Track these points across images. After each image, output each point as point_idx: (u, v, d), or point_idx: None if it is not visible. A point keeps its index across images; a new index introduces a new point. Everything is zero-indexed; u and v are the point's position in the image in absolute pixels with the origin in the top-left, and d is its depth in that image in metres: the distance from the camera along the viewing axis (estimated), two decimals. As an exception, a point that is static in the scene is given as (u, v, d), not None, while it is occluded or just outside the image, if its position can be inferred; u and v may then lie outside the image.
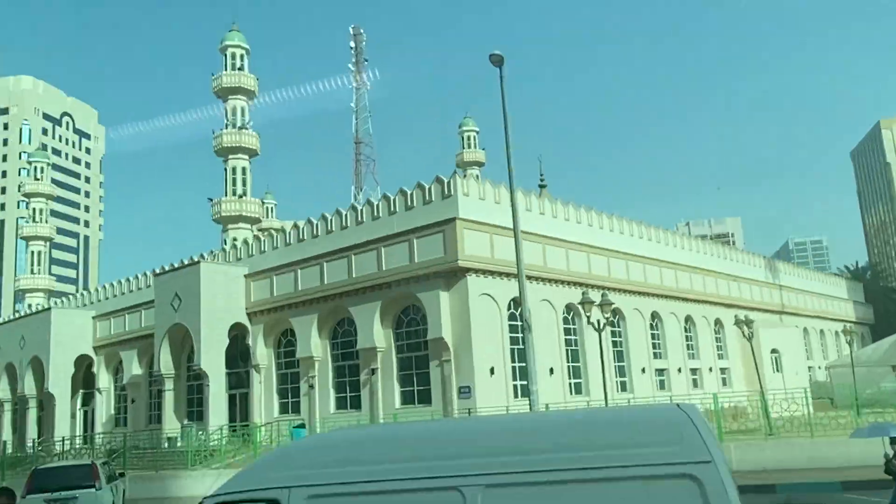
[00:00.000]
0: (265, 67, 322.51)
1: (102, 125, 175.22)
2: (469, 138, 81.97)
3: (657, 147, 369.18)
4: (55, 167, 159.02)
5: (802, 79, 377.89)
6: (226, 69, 60.32)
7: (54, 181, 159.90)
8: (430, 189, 29.07)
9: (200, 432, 31.01)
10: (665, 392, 35.95)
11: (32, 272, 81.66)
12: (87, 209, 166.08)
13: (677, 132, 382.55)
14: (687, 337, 39.99)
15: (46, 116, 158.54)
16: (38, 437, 42.71)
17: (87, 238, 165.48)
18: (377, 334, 29.76)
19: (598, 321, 23.53)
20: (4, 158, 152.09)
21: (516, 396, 28.55)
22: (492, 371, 27.76)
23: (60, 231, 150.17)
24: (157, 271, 38.12)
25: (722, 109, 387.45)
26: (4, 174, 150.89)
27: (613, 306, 27.30)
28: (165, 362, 35.17)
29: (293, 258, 33.27)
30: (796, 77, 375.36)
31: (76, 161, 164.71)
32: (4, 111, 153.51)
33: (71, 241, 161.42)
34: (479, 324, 27.65)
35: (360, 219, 31.44)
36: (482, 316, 27.95)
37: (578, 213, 34.21)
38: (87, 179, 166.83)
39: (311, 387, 32.41)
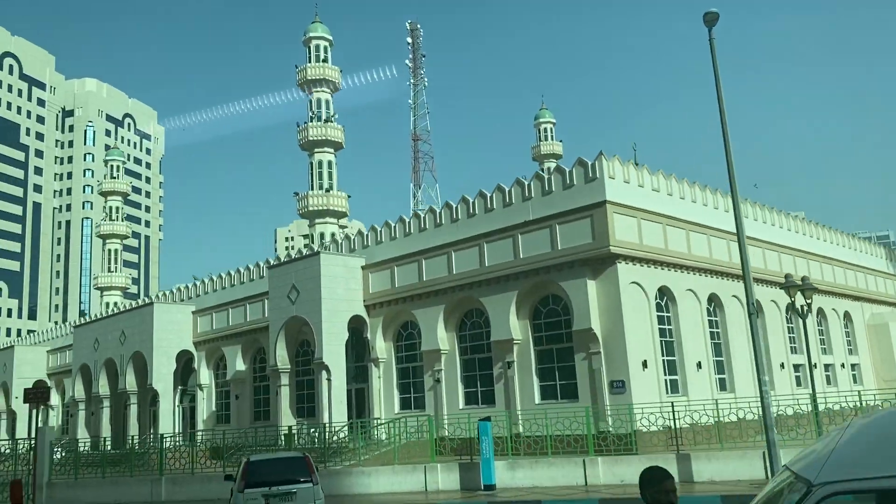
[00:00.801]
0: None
1: (161, 125, 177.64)
2: (546, 130, 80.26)
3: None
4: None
5: None
6: (310, 61, 59.62)
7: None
8: (570, 172, 27.45)
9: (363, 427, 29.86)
10: (802, 389, 33.73)
11: (109, 270, 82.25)
12: (147, 209, 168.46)
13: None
14: (819, 331, 37.66)
15: (109, 118, 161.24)
16: (140, 434, 42.28)
17: (147, 238, 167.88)
18: (513, 325, 28.26)
19: (802, 307, 21.64)
20: (70, 160, 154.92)
21: (667, 392, 26.83)
22: (644, 364, 26.03)
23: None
24: (273, 262, 37.24)
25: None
26: (70, 175, 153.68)
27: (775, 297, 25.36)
28: (281, 357, 34.21)
29: (416, 248, 32.02)
30: None
31: (137, 162, 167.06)
32: (70, 113, 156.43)
33: (132, 242, 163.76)
34: (630, 314, 25.96)
35: (489, 206, 29.99)
36: (632, 306, 26.25)
37: (715, 198, 32.22)
38: (148, 180, 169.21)
39: (438, 381, 31.08)
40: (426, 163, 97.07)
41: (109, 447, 36.69)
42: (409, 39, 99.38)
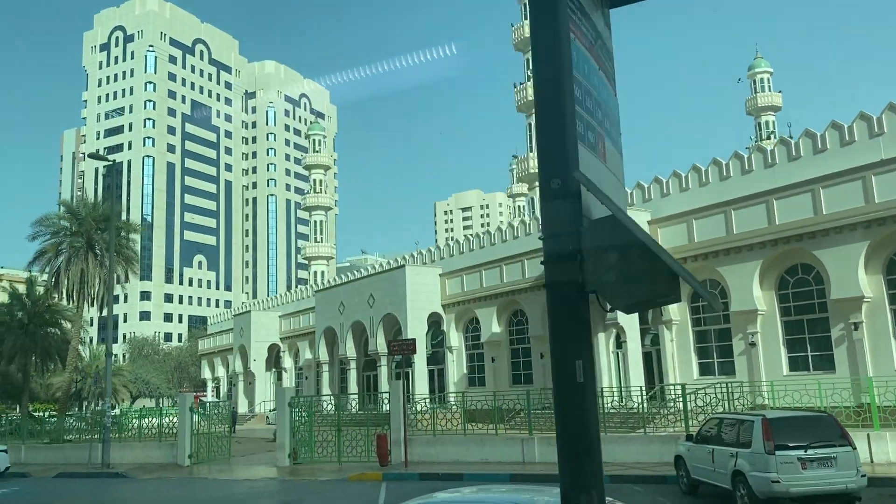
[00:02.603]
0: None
1: (334, 104, 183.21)
2: (762, 80, 73.88)
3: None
4: (297, 146, 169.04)
5: None
6: (525, 17, 57.38)
7: (297, 161, 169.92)
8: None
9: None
10: None
11: (316, 241, 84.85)
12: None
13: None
14: None
15: (287, 98, 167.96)
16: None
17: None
18: (862, 282, 24.76)
19: None
20: (254, 140, 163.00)
21: None
22: None
23: (301, 207, 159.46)
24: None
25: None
26: (254, 154, 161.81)
27: None
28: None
29: (718, 199, 29.11)
30: None
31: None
32: (252, 95, 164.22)
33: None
34: None
35: (820, 146, 26.46)
36: None
37: None
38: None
39: (752, 345, 28.14)
40: None
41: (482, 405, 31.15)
42: None
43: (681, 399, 23.23)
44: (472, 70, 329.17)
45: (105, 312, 48.19)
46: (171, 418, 26.71)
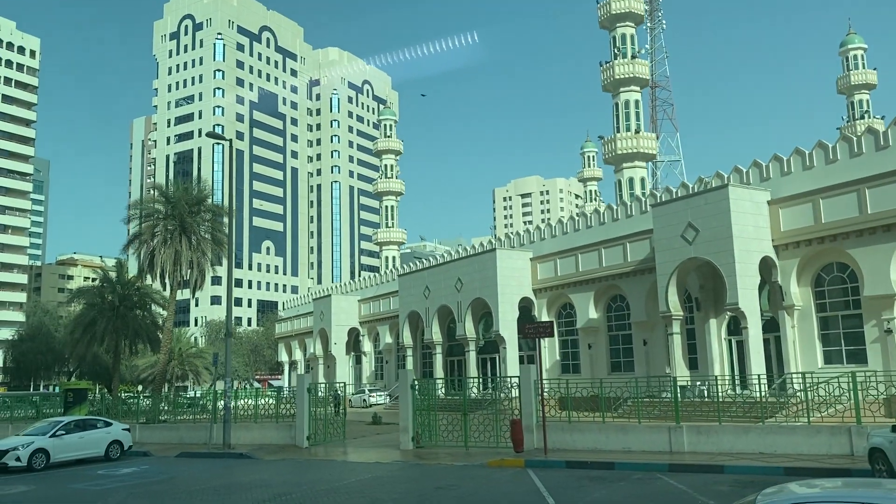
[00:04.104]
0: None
1: (395, 91, 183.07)
2: (855, 58, 70.49)
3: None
4: (359, 133, 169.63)
5: None
6: (613, -5, 55.89)
7: (360, 147, 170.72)
8: None
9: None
10: None
11: (387, 226, 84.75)
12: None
13: None
14: None
15: (351, 85, 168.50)
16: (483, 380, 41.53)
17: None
18: None
19: None
20: (318, 127, 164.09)
21: None
22: None
23: (364, 193, 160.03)
24: (659, 199, 34.26)
25: None
26: (319, 141, 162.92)
27: None
28: (673, 303, 31.12)
29: (859, 175, 27.37)
30: None
31: (375, 126, 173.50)
32: (316, 82, 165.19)
33: (374, 203, 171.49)
34: None
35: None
36: None
37: None
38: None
39: (889, 331, 26.42)
40: (665, 111, 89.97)
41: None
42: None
43: (808, 388, 21.75)
44: (531, 55, 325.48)
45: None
46: (287, 404, 26.36)
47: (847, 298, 28.22)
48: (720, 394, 25.25)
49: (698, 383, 29.92)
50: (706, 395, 28.72)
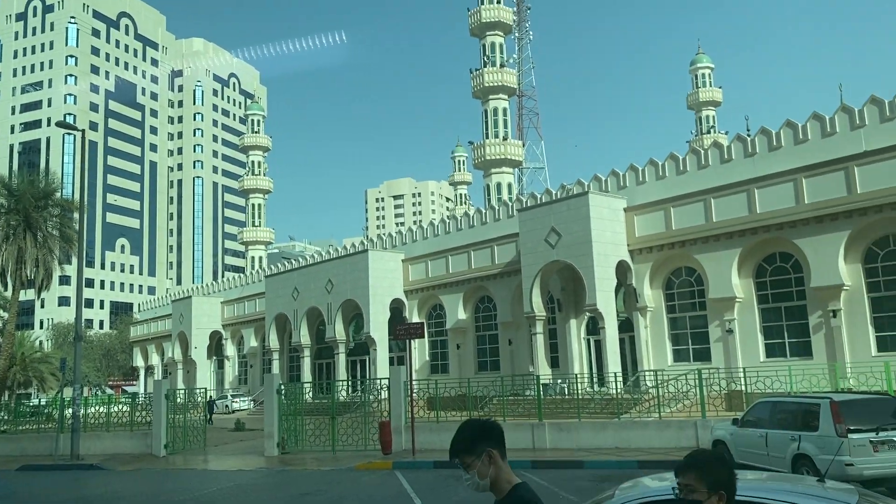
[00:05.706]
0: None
1: (264, 86, 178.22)
2: (703, 76, 75.81)
3: None
4: (225, 128, 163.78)
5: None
6: (482, 2, 57.24)
7: (225, 142, 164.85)
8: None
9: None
10: None
11: (254, 225, 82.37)
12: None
13: None
14: None
15: (216, 78, 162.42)
16: (347, 381, 41.24)
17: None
18: (842, 270, 25.41)
19: None
20: (180, 119, 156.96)
21: None
22: None
23: (229, 190, 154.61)
24: (525, 205, 35.18)
25: None
26: (181, 135, 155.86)
27: None
28: (537, 304, 32.19)
29: (698, 186, 29.41)
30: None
31: (242, 121, 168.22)
32: (179, 73, 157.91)
33: (239, 200, 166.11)
34: None
35: (801, 136, 27.01)
36: None
37: None
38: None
39: (730, 331, 28.60)
40: (531, 119, 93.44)
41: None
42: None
43: (660, 385, 23.37)
44: (404, 58, 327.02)
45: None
46: (142, 410, 24.94)
47: (694, 300, 30.31)
48: (580, 391, 26.50)
49: (559, 381, 31.15)
50: (567, 392, 29.96)
